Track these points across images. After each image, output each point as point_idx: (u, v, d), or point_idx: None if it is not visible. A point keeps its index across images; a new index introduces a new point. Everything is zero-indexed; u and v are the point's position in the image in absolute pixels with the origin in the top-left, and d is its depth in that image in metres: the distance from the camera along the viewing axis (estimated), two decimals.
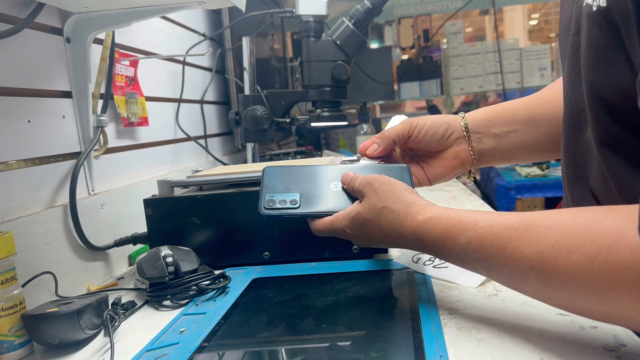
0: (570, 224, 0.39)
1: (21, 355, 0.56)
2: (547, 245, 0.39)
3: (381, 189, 0.55)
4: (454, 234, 0.48)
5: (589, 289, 0.37)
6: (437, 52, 2.69)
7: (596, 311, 0.39)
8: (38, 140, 0.75)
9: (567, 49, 0.49)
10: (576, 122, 0.48)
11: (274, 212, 0.59)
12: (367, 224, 0.55)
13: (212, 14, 1.67)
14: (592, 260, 0.36)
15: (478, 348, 0.46)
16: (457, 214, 0.49)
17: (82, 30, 0.83)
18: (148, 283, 0.68)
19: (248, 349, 0.52)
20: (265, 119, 1.29)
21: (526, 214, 0.43)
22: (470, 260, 0.47)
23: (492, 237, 0.44)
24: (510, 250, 0.42)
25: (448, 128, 0.66)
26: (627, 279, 0.35)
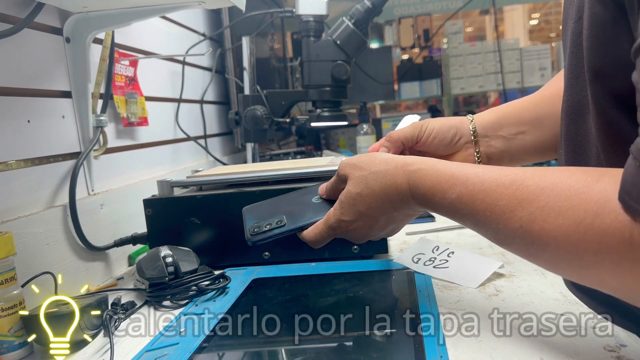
0: (561, 186, 0.39)
1: (21, 356, 0.56)
2: (537, 206, 0.40)
3: (360, 161, 0.54)
4: (444, 187, 0.47)
5: (573, 252, 0.38)
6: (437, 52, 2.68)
7: (578, 275, 0.40)
8: (38, 140, 0.75)
9: (569, 37, 0.49)
10: (577, 110, 0.48)
11: (261, 237, 0.56)
12: (359, 197, 0.53)
13: (212, 14, 1.67)
14: (578, 224, 0.37)
15: (478, 348, 0.46)
16: (448, 167, 0.49)
17: (81, 30, 0.83)
18: (148, 283, 0.68)
19: (248, 349, 0.52)
20: (265, 119, 1.29)
21: (519, 172, 0.43)
22: (460, 215, 0.47)
23: (483, 194, 0.44)
24: (501, 208, 0.43)
25: (457, 132, 0.64)
26: (609, 245, 0.35)
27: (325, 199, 0.59)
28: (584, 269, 0.38)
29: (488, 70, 2.45)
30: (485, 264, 0.67)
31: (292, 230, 0.57)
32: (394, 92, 2.49)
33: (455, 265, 0.68)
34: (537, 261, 0.43)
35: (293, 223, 0.57)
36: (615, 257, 0.35)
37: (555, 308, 0.53)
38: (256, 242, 0.56)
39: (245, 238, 0.57)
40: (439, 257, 0.71)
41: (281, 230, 0.56)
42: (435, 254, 0.73)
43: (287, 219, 0.57)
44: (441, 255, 0.72)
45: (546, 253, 0.40)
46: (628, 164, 0.35)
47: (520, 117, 0.65)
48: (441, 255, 0.72)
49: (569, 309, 0.53)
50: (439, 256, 0.72)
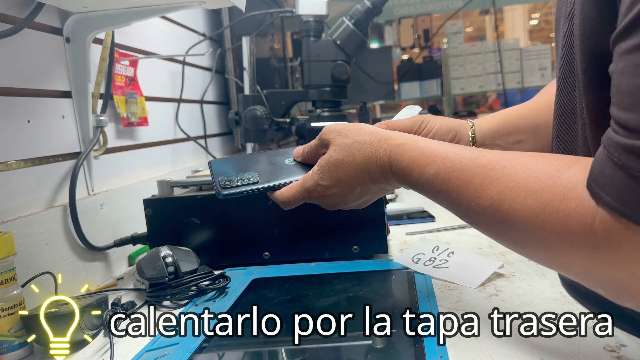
0: (534, 168, 0.40)
1: (21, 356, 0.56)
2: (508, 185, 0.41)
3: (346, 129, 0.53)
4: (423, 163, 0.48)
5: (538, 233, 0.39)
6: (437, 52, 2.68)
7: (543, 256, 0.41)
8: (37, 140, 0.75)
9: (561, 37, 0.49)
10: (568, 110, 0.48)
11: (233, 191, 0.54)
12: (340, 164, 0.52)
13: (212, 14, 1.67)
14: (545, 206, 0.38)
15: (478, 348, 0.46)
16: (430, 144, 0.49)
17: (81, 30, 0.83)
18: (148, 283, 0.68)
19: (248, 349, 0.52)
20: (265, 119, 1.29)
21: (497, 153, 0.44)
22: (435, 192, 0.48)
23: (459, 171, 0.45)
24: (474, 186, 0.44)
25: (455, 136, 0.63)
26: (572, 229, 0.36)
27: (300, 162, 0.58)
28: (548, 251, 0.39)
29: (488, 70, 2.45)
30: (485, 264, 0.67)
31: (265, 188, 0.55)
32: (394, 92, 2.49)
33: (455, 265, 0.68)
34: (505, 240, 0.44)
35: (266, 181, 0.55)
36: (577, 241, 0.36)
37: (555, 308, 0.53)
38: (227, 197, 0.54)
39: (215, 191, 0.55)
40: (439, 257, 0.71)
41: (254, 187, 0.55)
42: (435, 254, 0.73)
43: (260, 177, 0.56)
44: (441, 255, 0.72)
45: (513, 231, 0.41)
46: (598, 152, 0.36)
47: (519, 125, 0.64)
48: (441, 255, 0.72)
49: (569, 309, 0.53)
50: (439, 256, 0.72)
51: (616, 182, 0.33)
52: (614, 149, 0.34)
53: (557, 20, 0.53)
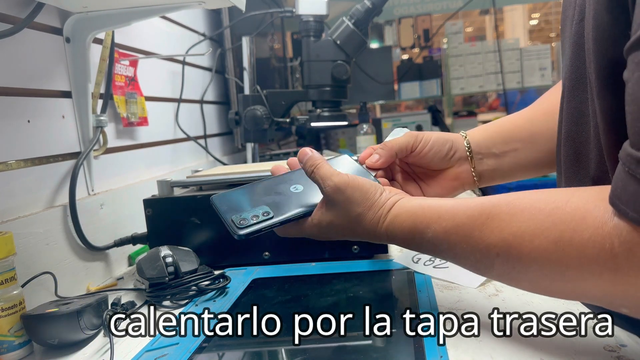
0: (530, 210, 0.40)
1: (21, 356, 0.56)
2: (510, 232, 0.41)
3: (353, 197, 0.52)
4: (420, 228, 0.49)
5: (555, 270, 0.39)
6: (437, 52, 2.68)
7: (562, 291, 0.41)
8: (37, 140, 0.75)
9: (569, 39, 0.48)
10: (579, 112, 0.48)
11: (251, 230, 0.53)
12: (339, 228, 0.54)
13: (212, 14, 1.67)
14: (556, 243, 0.38)
15: (478, 348, 0.46)
16: (422, 209, 0.50)
17: (81, 30, 0.83)
18: (148, 283, 0.68)
19: (248, 349, 0.52)
20: (265, 119, 1.29)
21: (488, 201, 0.44)
22: (439, 251, 0.49)
23: (455, 228, 0.46)
24: (475, 240, 0.44)
25: (452, 147, 0.63)
26: (590, 257, 0.36)
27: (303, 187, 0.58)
28: (567, 284, 0.39)
29: (488, 70, 2.45)
30: None
31: (281, 221, 0.55)
32: (394, 92, 2.49)
33: (455, 265, 0.68)
34: (521, 284, 0.44)
35: (281, 214, 0.55)
36: (597, 268, 0.36)
37: (555, 308, 0.53)
38: (245, 237, 0.53)
39: (231, 232, 0.53)
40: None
41: (270, 222, 0.54)
42: None
43: (273, 210, 0.55)
44: None
45: (528, 274, 0.41)
46: (618, 169, 0.36)
47: (513, 134, 0.64)
48: None
49: (569, 309, 0.53)
50: None
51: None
52: (635, 166, 0.34)
53: (564, 21, 0.52)
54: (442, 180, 0.64)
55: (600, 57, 0.40)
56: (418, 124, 2.23)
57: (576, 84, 0.48)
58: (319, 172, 0.54)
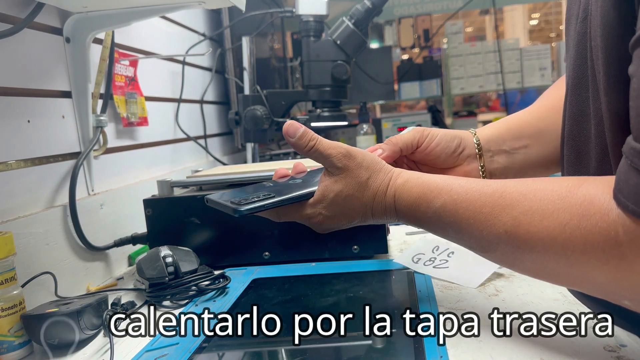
0: (543, 192, 0.41)
1: (21, 356, 0.56)
2: (521, 211, 0.41)
3: (364, 161, 0.52)
4: (429, 197, 0.48)
5: (560, 252, 0.39)
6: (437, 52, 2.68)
7: (565, 275, 0.41)
8: (37, 140, 0.75)
9: (572, 37, 0.48)
10: (581, 111, 0.48)
11: (252, 206, 0.50)
12: (348, 199, 0.52)
13: (212, 14, 1.67)
14: (564, 226, 0.38)
15: (478, 348, 0.46)
16: (433, 178, 0.50)
17: (81, 30, 0.83)
18: (148, 283, 0.68)
19: (248, 349, 0.52)
20: (265, 119, 1.29)
21: (501, 182, 0.45)
22: (443, 225, 0.48)
23: (466, 202, 0.45)
24: (484, 215, 0.44)
25: (461, 143, 0.62)
26: (595, 243, 0.37)
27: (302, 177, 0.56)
28: (572, 268, 0.39)
29: (488, 70, 2.45)
30: (485, 264, 0.67)
31: (284, 200, 0.52)
32: (394, 92, 2.49)
33: (455, 265, 0.68)
34: (523, 265, 0.44)
35: (283, 195, 0.53)
36: (602, 255, 0.37)
37: (555, 308, 0.53)
38: (247, 212, 0.51)
39: (232, 213, 0.51)
40: (439, 257, 0.71)
41: (272, 200, 0.51)
42: (435, 254, 0.73)
43: (274, 193, 0.53)
44: (441, 255, 0.72)
45: (532, 254, 0.41)
46: (621, 163, 0.36)
47: (522, 131, 0.63)
48: (441, 255, 0.72)
49: (569, 309, 0.53)
50: (439, 256, 0.72)
51: None
52: (637, 159, 0.34)
53: (568, 20, 0.52)
54: None
55: (607, 54, 0.40)
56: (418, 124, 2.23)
57: (578, 83, 0.48)
58: (322, 144, 0.52)
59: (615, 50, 0.39)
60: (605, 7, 0.39)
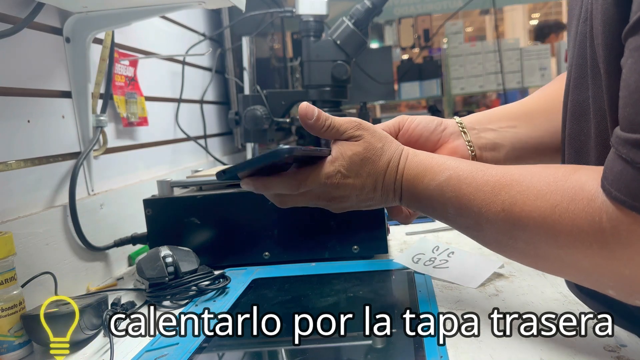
0: (540, 174, 0.43)
1: (21, 356, 0.56)
2: (519, 190, 0.43)
3: (378, 132, 0.55)
4: (436, 170, 0.50)
5: (550, 233, 0.41)
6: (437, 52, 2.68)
7: (553, 256, 0.42)
8: (37, 140, 0.75)
9: (575, 37, 0.49)
10: (582, 109, 0.48)
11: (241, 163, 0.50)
12: (366, 161, 0.52)
13: (212, 14, 1.67)
14: (555, 207, 0.40)
15: (478, 348, 0.46)
16: (442, 157, 0.52)
17: (81, 30, 0.83)
18: (148, 283, 0.68)
19: (248, 349, 0.52)
20: (265, 119, 1.29)
21: (504, 166, 0.47)
22: (444, 199, 0.49)
23: (470, 179, 0.48)
24: (485, 193, 0.46)
25: (441, 123, 0.63)
26: (581, 227, 0.38)
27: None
28: (560, 250, 0.41)
29: (488, 70, 2.45)
30: (485, 264, 0.67)
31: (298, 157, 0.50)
32: (394, 92, 2.49)
33: (455, 266, 0.68)
34: (515, 245, 0.45)
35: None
36: (587, 239, 0.38)
37: (555, 308, 0.53)
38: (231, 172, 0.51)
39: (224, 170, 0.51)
40: (439, 257, 0.71)
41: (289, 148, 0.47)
42: (435, 254, 0.73)
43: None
44: (441, 256, 0.72)
45: (525, 234, 0.43)
46: (610, 153, 0.37)
47: (510, 113, 0.64)
48: (441, 255, 0.72)
49: (569, 309, 0.53)
50: (439, 256, 0.72)
51: (624, 177, 0.35)
52: (621, 146, 0.35)
53: (570, 19, 0.53)
54: None
55: (609, 52, 0.41)
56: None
57: (579, 82, 0.48)
58: (335, 120, 0.53)
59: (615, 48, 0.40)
60: (606, 5, 0.40)
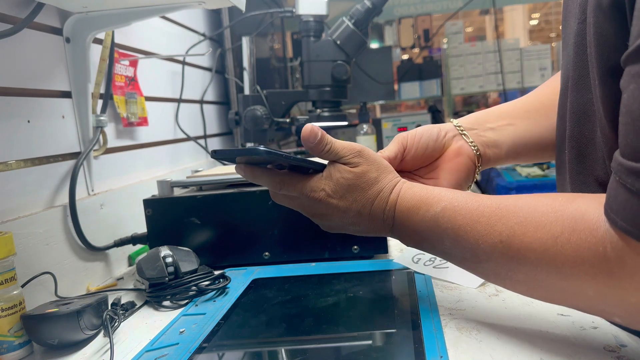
0: (538, 205, 0.42)
1: (21, 356, 0.56)
2: (516, 221, 0.43)
3: (376, 160, 0.54)
4: (431, 201, 0.50)
5: (551, 264, 0.40)
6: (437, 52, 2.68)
7: (556, 287, 0.41)
8: (37, 140, 0.75)
9: (572, 36, 0.48)
10: (583, 111, 0.48)
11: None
12: (354, 188, 0.52)
13: (212, 14, 1.67)
14: (556, 238, 0.39)
15: (478, 348, 0.46)
16: (437, 188, 0.52)
17: (81, 30, 0.83)
18: (148, 283, 0.68)
19: (248, 350, 0.52)
20: (265, 119, 1.29)
21: (499, 196, 0.47)
22: (439, 230, 0.49)
23: (466, 210, 0.47)
24: (482, 224, 0.45)
25: (441, 129, 0.63)
26: (585, 258, 0.38)
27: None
28: (563, 281, 0.40)
29: (488, 70, 2.45)
30: None
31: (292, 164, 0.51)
32: (394, 92, 2.49)
33: (455, 266, 0.68)
34: (515, 277, 0.44)
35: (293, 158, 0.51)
36: (591, 270, 0.37)
37: (556, 308, 0.53)
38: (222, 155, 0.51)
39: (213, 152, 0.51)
40: (439, 257, 0.71)
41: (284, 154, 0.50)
42: None
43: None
44: None
45: (525, 266, 0.42)
46: (611, 179, 0.37)
47: (507, 112, 0.64)
48: None
49: (569, 309, 0.53)
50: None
51: (630, 207, 0.34)
52: (625, 175, 0.34)
53: (565, 17, 0.52)
54: (448, 162, 0.63)
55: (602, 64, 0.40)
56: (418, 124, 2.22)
57: (579, 83, 0.48)
58: (335, 145, 0.53)
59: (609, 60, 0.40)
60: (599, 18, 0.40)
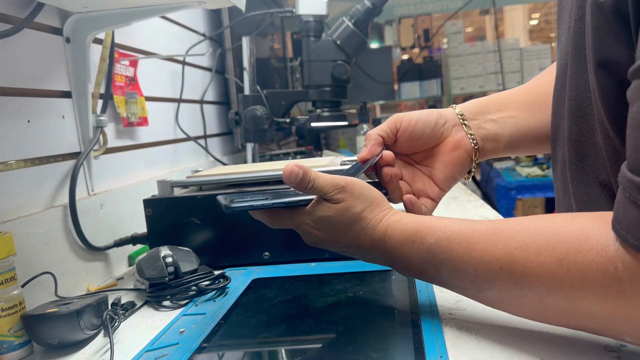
0: (536, 228, 0.41)
1: (21, 356, 0.56)
2: (515, 246, 0.41)
3: (361, 194, 0.52)
4: (423, 234, 0.48)
5: (558, 288, 0.39)
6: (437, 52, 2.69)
7: (564, 310, 0.40)
8: (38, 140, 0.75)
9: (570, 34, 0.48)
10: (580, 110, 0.47)
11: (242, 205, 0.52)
12: (337, 224, 0.52)
13: (212, 14, 1.67)
14: (561, 261, 0.38)
15: (478, 348, 0.46)
16: (427, 218, 0.50)
17: (81, 30, 0.83)
18: (148, 283, 0.68)
19: (248, 350, 0.52)
20: (265, 119, 1.29)
21: (493, 220, 0.45)
22: (436, 262, 0.47)
23: (460, 238, 0.45)
24: (478, 252, 0.44)
25: (440, 116, 0.60)
26: (593, 279, 0.37)
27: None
28: (571, 304, 0.39)
29: (488, 70, 2.45)
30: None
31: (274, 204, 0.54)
32: (394, 92, 2.49)
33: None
34: (520, 303, 0.43)
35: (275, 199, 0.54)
36: (601, 290, 0.36)
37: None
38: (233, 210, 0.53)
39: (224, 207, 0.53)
40: None
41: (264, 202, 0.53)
42: None
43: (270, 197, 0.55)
44: None
45: (530, 292, 0.41)
46: (618, 194, 0.36)
47: (508, 102, 0.62)
48: None
49: None
50: None
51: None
52: (636, 192, 0.34)
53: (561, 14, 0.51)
54: (444, 154, 0.61)
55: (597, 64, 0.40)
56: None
57: (577, 82, 0.47)
58: (318, 182, 0.51)
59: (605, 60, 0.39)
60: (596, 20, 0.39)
